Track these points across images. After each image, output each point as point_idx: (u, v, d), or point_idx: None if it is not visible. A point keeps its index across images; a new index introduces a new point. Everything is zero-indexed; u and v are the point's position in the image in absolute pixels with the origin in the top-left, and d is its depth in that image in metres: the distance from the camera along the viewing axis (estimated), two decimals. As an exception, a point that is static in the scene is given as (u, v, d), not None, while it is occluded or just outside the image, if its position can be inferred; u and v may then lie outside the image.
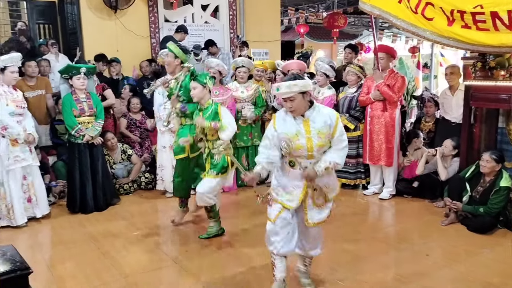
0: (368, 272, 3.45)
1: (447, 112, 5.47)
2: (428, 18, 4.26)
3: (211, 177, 3.90)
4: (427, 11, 4.23)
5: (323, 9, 14.05)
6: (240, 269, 3.51)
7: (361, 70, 5.52)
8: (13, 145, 4.42)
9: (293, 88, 2.71)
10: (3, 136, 4.37)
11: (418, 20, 4.33)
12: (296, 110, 2.78)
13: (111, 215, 4.90)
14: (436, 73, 16.20)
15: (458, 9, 4.02)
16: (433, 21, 4.23)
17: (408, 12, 4.37)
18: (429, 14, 4.24)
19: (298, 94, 2.73)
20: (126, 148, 5.80)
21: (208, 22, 8.10)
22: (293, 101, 2.75)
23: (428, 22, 4.26)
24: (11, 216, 4.45)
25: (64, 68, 4.87)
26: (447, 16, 4.13)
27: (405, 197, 5.31)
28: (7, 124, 4.34)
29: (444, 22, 4.16)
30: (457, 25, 4.10)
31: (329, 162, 2.79)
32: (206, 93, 3.94)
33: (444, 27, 4.18)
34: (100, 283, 3.32)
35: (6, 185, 4.44)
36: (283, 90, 2.74)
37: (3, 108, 4.33)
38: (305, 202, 2.90)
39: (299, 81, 2.73)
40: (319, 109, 2.84)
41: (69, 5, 7.39)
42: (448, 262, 3.63)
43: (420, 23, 4.33)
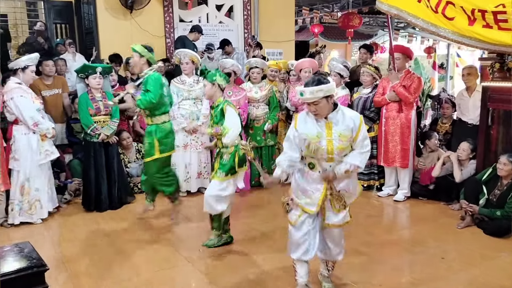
0: (382, 274, 3.42)
1: (464, 113, 5.40)
2: (448, 18, 4.19)
3: (219, 179, 3.75)
4: (448, 10, 4.17)
5: (338, 9, 13.95)
6: (254, 270, 3.51)
7: (376, 71, 5.48)
8: (42, 140, 4.57)
9: (317, 93, 2.67)
10: (34, 132, 4.49)
11: (438, 19, 4.27)
12: (320, 113, 2.76)
13: (125, 213, 4.94)
14: (452, 73, 16.00)
15: (479, 9, 3.96)
16: (454, 20, 4.17)
17: (428, 11, 4.32)
18: (450, 14, 4.18)
19: (322, 98, 2.69)
20: (141, 147, 5.84)
21: (223, 22, 8.12)
22: (317, 105, 2.71)
23: (449, 22, 4.20)
24: (33, 211, 4.56)
25: (81, 67, 4.93)
26: (468, 16, 4.07)
27: (420, 199, 5.25)
28: (38, 120, 4.48)
29: (465, 21, 4.09)
30: (478, 24, 4.04)
31: (350, 164, 2.77)
32: (216, 90, 3.84)
33: (465, 27, 4.12)
34: (114, 281, 3.35)
35: (32, 180, 4.54)
36: (308, 95, 2.69)
37: (32, 104, 4.47)
38: (324, 205, 2.88)
39: (324, 86, 2.68)
40: (343, 112, 2.80)
41: (85, 5, 7.47)
42: (464, 266, 3.58)
43: (440, 23, 4.26)
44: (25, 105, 4.41)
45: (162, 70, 6.90)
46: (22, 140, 4.49)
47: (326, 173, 2.78)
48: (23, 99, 4.42)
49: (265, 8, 8.34)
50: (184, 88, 5.34)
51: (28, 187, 4.53)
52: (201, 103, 5.38)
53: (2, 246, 2.88)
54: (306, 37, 15.25)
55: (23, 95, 4.44)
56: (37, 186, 4.56)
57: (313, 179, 2.86)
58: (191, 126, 5.29)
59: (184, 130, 5.32)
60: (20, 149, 4.47)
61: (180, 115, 5.31)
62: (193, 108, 5.36)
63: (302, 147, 2.81)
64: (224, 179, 3.74)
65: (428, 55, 15.21)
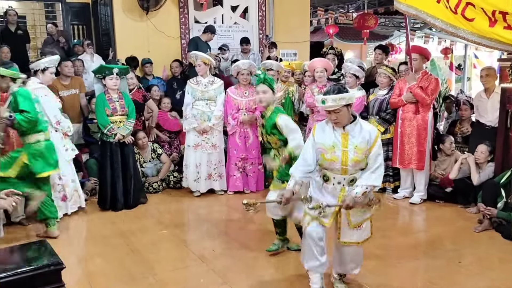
0: (398, 278, 3.38)
1: (482, 115, 5.32)
2: (468, 19, 4.14)
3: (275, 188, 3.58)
4: (468, 11, 4.11)
5: (353, 9, 13.88)
6: (269, 271, 3.50)
7: (393, 72, 5.42)
8: (64, 138, 4.70)
9: (339, 101, 2.70)
10: (56, 130, 4.59)
11: (457, 20, 4.21)
12: (340, 122, 2.78)
13: (140, 212, 4.98)
14: (469, 75, 15.79)
15: (500, 10, 3.91)
16: (474, 21, 4.11)
17: (447, 12, 4.27)
18: (470, 15, 4.12)
19: (343, 106, 2.72)
20: (156, 148, 5.89)
21: (238, 23, 8.13)
22: (338, 113, 2.74)
23: (468, 23, 4.14)
24: (71, 200, 4.75)
25: (97, 68, 5.00)
26: (488, 17, 4.01)
27: (437, 202, 5.18)
28: (60, 119, 4.60)
29: (486, 22, 4.03)
30: (499, 26, 3.98)
31: (366, 186, 2.76)
32: (273, 99, 3.65)
33: (486, 28, 4.06)
34: (129, 279, 3.38)
35: (64, 175, 4.68)
36: (330, 103, 2.71)
37: (55, 104, 4.60)
38: (338, 220, 2.87)
39: (346, 94, 2.72)
40: (361, 125, 2.82)
41: (102, 6, 7.56)
42: (481, 270, 3.52)
43: (459, 23, 4.21)
44: (49, 104, 4.52)
45: (177, 71, 6.97)
46: None
47: (346, 202, 2.74)
48: (47, 98, 4.53)
49: (280, 9, 8.33)
50: (198, 89, 5.36)
51: (62, 182, 4.65)
52: (214, 104, 5.39)
53: (20, 244, 2.93)
54: (321, 38, 15.19)
55: (47, 94, 4.57)
56: (72, 178, 4.76)
57: (327, 192, 2.85)
58: (201, 126, 5.31)
59: (195, 130, 5.34)
60: None
61: (192, 115, 5.34)
62: (205, 109, 5.37)
63: (318, 157, 2.81)
64: (281, 186, 3.51)
65: (445, 56, 15.01)
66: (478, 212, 4.51)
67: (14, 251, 2.71)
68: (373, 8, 12.72)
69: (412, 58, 5.09)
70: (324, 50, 6.55)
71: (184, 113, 5.48)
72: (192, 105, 5.37)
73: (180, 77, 6.89)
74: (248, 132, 5.53)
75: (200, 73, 5.39)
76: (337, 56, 6.28)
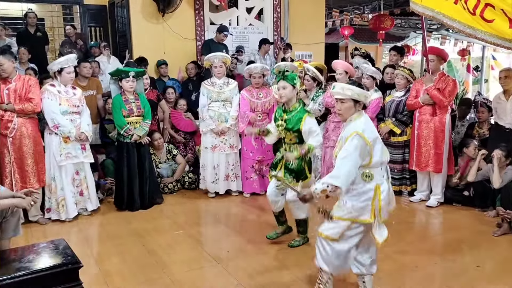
0: (414, 282, 3.34)
1: (500, 117, 5.22)
2: (487, 20, 4.08)
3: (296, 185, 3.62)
4: (487, 12, 4.05)
5: (369, 10, 13.78)
6: (283, 272, 3.49)
7: (411, 73, 5.37)
8: (65, 142, 4.65)
9: (346, 91, 2.73)
10: (56, 133, 4.60)
11: (476, 21, 4.15)
12: (342, 114, 2.82)
13: (156, 213, 5.01)
14: (487, 77, 15.55)
15: None
16: (494, 22, 4.05)
17: (465, 13, 4.21)
18: (489, 16, 4.07)
19: (350, 100, 2.74)
20: (172, 148, 5.92)
21: (253, 24, 8.14)
22: (343, 103, 2.77)
23: (488, 24, 4.08)
24: (60, 210, 4.66)
25: (114, 71, 5.06)
26: (509, 18, 3.95)
27: (454, 205, 5.10)
28: (58, 123, 4.57)
29: (506, 24, 3.97)
30: None
31: (327, 185, 2.68)
32: (295, 95, 3.68)
33: (506, 29, 3.99)
34: (145, 279, 3.40)
35: (58, 180, 4.66)
36: (337, 89, 2.80)
37: (56, 107, 4.57)
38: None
39: (355, 88, 2.74)
40: (355, 122, 2.78)
41: (119, 8, 7.64)
42: (500, 275, 3.46)
43: (478, 25, 4.15)
44: (47, 107, 4.53)
45: (192, 73, 7.00)
46: (46, 139, 4.66)
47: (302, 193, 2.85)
48: (47, 100, 4.54)
49: (295, 11, 8.32)
50: (214, 90, 5.37)
51: (55, 186, 4.67)
52: (230, 105, 5.40)
53: (38, 242, 2.98)
54: (336, 39, 15.11)
55: (49, 97, 4.55)
56: (61, 185, 4.67)
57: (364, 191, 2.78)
58: (219, 128, 5.32)
59: (212, 132, 5.35)
60: (45, 148, 4.64)
61: (209, 116, 5.35)
62: (222, 110, 5.38)
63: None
64: (296, 184, 3.60)
65: (462, 58, 14.80)
66: (497, 215, 4.44)
67: (32, 249, 2.75)
68: (389, 9, 12.61)
69: (429, 60, 5.03)
70: (351, 52, 6.51)
71: (201, 115, 5.48)
72: (208, 107, 5.39)
73: (195, 78, 6.92)
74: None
75: (219, 74, 5.38)
76: (363, 57, 6.25)
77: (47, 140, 4.66)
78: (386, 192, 2.79)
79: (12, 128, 4.35)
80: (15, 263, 2.54)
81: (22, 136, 4.41)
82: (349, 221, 2.78)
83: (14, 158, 4.38)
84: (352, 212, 2.77)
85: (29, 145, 4.44)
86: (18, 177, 4.40)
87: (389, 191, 2.84)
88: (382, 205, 2.76)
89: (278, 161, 3.85)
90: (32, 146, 4.46)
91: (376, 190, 2.75)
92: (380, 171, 2.79)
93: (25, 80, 4.49)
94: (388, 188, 2.82)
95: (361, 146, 2.69)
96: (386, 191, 2.79)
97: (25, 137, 4.42)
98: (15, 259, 2.61)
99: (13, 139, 4.37)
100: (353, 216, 2.78)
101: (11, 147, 4.36)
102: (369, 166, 2.74)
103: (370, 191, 2.76)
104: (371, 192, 2.75)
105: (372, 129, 2.83)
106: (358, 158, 2.69)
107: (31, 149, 4.45)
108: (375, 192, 2.75)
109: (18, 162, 4.40)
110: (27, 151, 4.42)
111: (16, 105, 4.35)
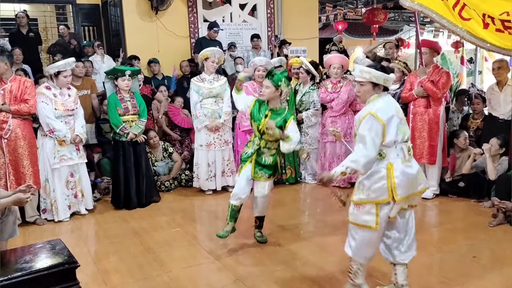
0: (412, 273, 3.33)
1: (494, 108, 5.25)
2: (465, 18, 4.25)
3: (264, 180, 3.78)
4: (464, 12, 4.23)
5: (362, 4, 13.77)
6: (281, 267, 3.50)
7: (406, 66, 5.39)
8: (60, 145, 4.64)
9: (364, 74, 2.74)
10: (51, 136, 4.59)
11: (455, 18, 4.31)
12: (361, 96, 2.83)
13: (153, 211, 5.01)
14: (480, 68, 15.56)
15: (488, 14, 4.03)
16: (470, 21, 4.23)
17: (447, 10, 4.33)
18: (466, 15, 4.23)
19: (368, 82, 2.74)
20: (167, 146, 5.92)
21: (246, 21, 8.13)
22: (361, 86, 2.78)
23: (465, 22, 4.26)
24: (54, 211, 4.67)
25: (111, 70, 5.06)
26: (482, 19, 4.13)
27: (450, 196, 5.13)
28: (54, 128, 4.56)
29: (480, 25, 4.15)
30: (491, 28, 4.09)
31: (346, 167, 2.68)
32: (278, 95, 3.70)
33: (480, 30, 4.17)
34: (143, 277, 3.41)
35: (51, 181, 4.67)
36: (356, 72, 2.81)
37: (51, 112, 4.56)
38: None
39: (373, 70, 2.72)
40: (371, 103, 2.76)
41: (112, 7, 7.62)
42: (497, 265, 3.49)
43: (458, 22, 4.30)
44: (42, 111, 4.53)
45: (187, 70, 6.99)
46: (39, 140, 4.65)
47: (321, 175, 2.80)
48: (43, 105, 4.53)
49: (289, 6, 8.31)
50: (204, 86, 5.35)
51: (49, 187, 4.67)
52: (222, 101, 5.40)
53: (35, 243, 2.97)
54: (330, 34, 15.09)
55: (44, 100, 4.54)
56: (54, 187, 4.67)
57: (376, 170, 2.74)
58: (213, 124, 5.32)
59: (207, 129, 5.35)
60: (39, 149, 4.62)
61: (203, 114, 5.34)
62: (214, 107, 5.38)
63: None
64: (267, 180, 3.79)
65: (456, 50, 14.81)
66: (492, 206, 4.46)
67: (29, 250, 2.75)
68: (382, 3, 12.62)
69: (422, 52, 5.05)
70: (327, 47, 6.53)
71: (194, 112, 5.45)
72: (200, 104, 5.37)
73: (190, 76, 6.91)
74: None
75: (212, 69, 5.37)
76: (340, 53, 6.28)
77: (41, 141, 4.65)
78: (400, 171, 2.71)
79: (7, 129, 4.34)
80: (12, 264, 2.54)
81: (17, 138, 4.40)
82: (373, 204, 2.73)
83: (9, 160, 4.36)
84: (370, 194, 2.74)
85: (25, 147, 4.42)
86: (14, 178, 4.39)
87: (408, 171, 2.75)
88: (396, 183, 2.69)
89: (248, 156, 3.82)
90: (28, 148, 4.45)
91: (388, 169, 2.71)
92: (394, 150, 2.74)
93: (21, 81, 4.47)
94: (406, 167, 2.74)
95: (375, 125, 2.67)
96: (400, 169, 2.72)
97: (20, 138, 4.41)
98: (12, 260, 2.60)
99: (8, 141, 4.35)
100: (372, 197, 2.73)
101: (6, 149, 4.35)
102: (382, 145, 2.71)
103: (383, 170, 2.72)
104: (383, 171, 2.71)
105: (389, 108, 2.73)
106: (375, 138, 2.67)
107: (26, 151, 4.43)
108: (387, 171, 2.71)
109: (14, 164, 4.39)
110: (22, 153, 4.41)
111: (12, 106, 4.33)
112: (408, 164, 2.78)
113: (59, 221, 4.67)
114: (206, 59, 5.38)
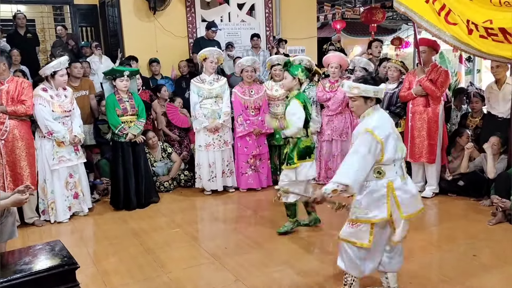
0: (411, 272, 3.36)
1: (493, 107, 5.25)
2: (451, 23, 4.27)
3: (285, 168, 4.02)
4: (450, 16, 4.26)
5: (360, 4, 13.78)
6: (280, 268, 3.50)
7: (404, 65, 5.39)
8: (59, 146, 4.63)
9: (353, 90, 2.72)
10: (50, 138, 4.58)
11: (441, 23, 4.33)
12: (355, 111, 2.84)
13: (152, 212, 5.00)
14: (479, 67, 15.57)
15: (472, 21, 4.06)
16: (456, 26, 4.25)
17: (433, 13, 4.34)
18: (452, 20, 4.25)
19: (359, 97, 2.73)
20: (166, 147, 5.91)
21: (244, 20, 8.12)
22: (354, 101, 2.78)
23: (450, 27, 4.27)
24: (50, 213, 4.66)
25: (109, 70, 5.05)
26: (466, 26, 4.15)
27: (449, 195, 5.14)
28: (52, 130, 4.55)
29: (465, 30, 4.18)
30: (475, 34, 4.11)
31: (337, 184, 2.64)
32: (296, 84, 3.97)
33: (465, 35, 4.19)
34: (143, 278, 3.40)
35: (48, 182, 4.65)
36: (344, 88, 2.80)
37: (49, 114, 4.55)
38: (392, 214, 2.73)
39: (360, 85, 2.70)
40: (367, 119, 2.75)
41: (110, 8, 7.60)
42: (497, 263, 3.49)
43: (443, 26, 4.32)
44: (40, 114, 4.51)
45: (185, 70, 6.98)
46: (37, 142, 4.64)
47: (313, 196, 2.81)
48: (40, 107, 4.51)
49: (287, 6, 8.31)
50: (205, 87, 5.35)
51: (46, 188, 4.66)
52: (222, 101, 5.39)
53: (34, 244, 2.97)
54: (328, 33, 15.12)
55: (41, 103, 4.52)
56: (52, 188, 4.66)
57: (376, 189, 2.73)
58: (212, 124, 5.31)
59: (206, 129, 5.34)
60: (37, 151, 4.61)
61: (202, 114, 5.33)
62: (214, 107, 5.37)
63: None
64: (285, 167, 4.01)
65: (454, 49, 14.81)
66: (491, 205, 4.46)
67: (28, 252, 2.74)
68: (381, 2, 12.62)
69: (420, 51, 5.05)
70: (324, 47, 6.54)
71: (193, 113, 5.45)
72: (200, 105, 5.36)
73: (188, 76, 6.90)
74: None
75: (211, 70, 5.37)
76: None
77: (39, 142, 4.64)
78: (402, 190, 2.71)
79: (4, 130, 4.32)
80: (12, 265, 2.53)
81: (15, 139, 4.39)
82: (368, 224, 2.72)
83: (6, 161, 4.35)
84: (368, 213, 2.71)
85: (22, 148, 4.41)
86: (11, 180, 4.38)
87: (408, 189, 2.75)
88: (400, 201, 2.69)
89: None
90: (25, 149, 4.44)
91: (388, 187, 2.70)
92: (393, 168, 2.72)
93: (18, 82, 4.46)
94: (404, 185, 2.74)
95: (372, 144, 2.63)
96: (400, 187, 2.71)
97: (18, 139, 4.40)
98: (11, 261, 2.60)
99: (5, 142, 4.34)
100: (369, 217, 2.72)
101: (3, 150, 4.34)
102: (380, 163, 2.69)
103: (383, 188, 2.70)
104: (383, 189, 2.70)
105: (385, 125, 2.72)
106: (369, 156, 2.63)
107: (24, 152, 4.42)
108: (388, 189, 2.69)
109: (11, 165, 4.38)
110: (20, 154, 4.40)
111: (8, 107, 4.32)
112: (406, 181, 2.79)
113: (58, 222, 4.66)
114: (204, 59, 5.38)
